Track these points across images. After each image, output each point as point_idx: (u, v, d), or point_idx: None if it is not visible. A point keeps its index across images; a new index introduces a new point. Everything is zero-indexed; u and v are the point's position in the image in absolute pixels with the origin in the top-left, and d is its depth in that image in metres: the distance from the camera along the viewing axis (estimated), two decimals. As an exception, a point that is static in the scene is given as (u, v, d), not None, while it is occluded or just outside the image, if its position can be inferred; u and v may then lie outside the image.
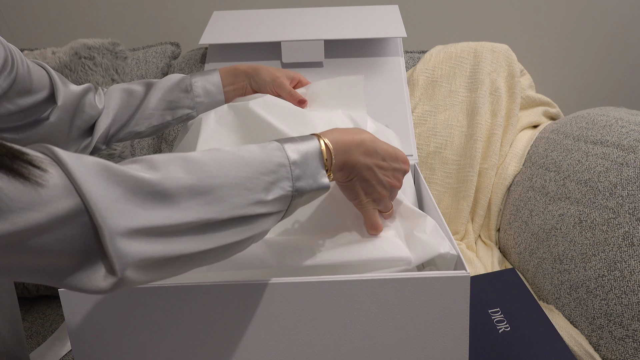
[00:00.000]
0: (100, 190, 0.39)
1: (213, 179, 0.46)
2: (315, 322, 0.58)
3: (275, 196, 0.49)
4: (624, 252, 0.74)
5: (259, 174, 0.48)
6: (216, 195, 0.45)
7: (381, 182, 0.61)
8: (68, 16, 1.38)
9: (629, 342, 0.70)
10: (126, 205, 0.40)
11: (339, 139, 0.56)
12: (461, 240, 1.07)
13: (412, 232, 0.64)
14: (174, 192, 0.43)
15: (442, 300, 0.57)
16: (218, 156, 0.48)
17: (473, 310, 0.75)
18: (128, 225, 0.40)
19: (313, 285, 0.57)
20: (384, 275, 0.57)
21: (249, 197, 0.47)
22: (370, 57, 1.06)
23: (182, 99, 0.80)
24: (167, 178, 0.43)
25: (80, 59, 1.07)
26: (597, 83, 1.46)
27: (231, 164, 0.47)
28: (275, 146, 0.51)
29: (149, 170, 0.43)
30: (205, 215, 0.44)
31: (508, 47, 1.17)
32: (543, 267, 0.89)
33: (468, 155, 1.08)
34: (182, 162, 0.45)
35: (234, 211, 0.46)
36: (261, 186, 0.48)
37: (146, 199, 0.42)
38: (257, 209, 0.48)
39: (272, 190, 0.49)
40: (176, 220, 0.43)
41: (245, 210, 0.47)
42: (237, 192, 0.47)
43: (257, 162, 0.49)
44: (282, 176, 0.50)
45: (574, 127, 0.98)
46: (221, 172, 0.46)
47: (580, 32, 1.40)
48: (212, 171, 0.46)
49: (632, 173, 0.79)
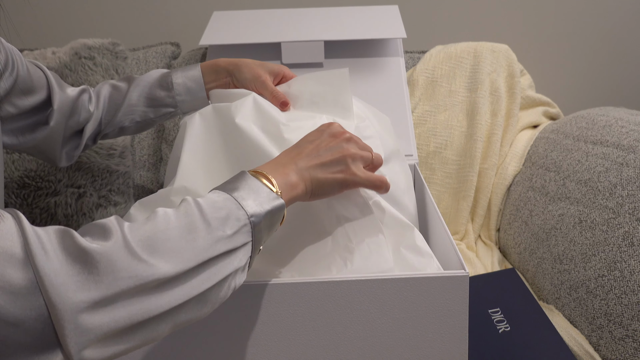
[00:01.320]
0: (57, 265, 0.38)
1: (164, 233, 0.44)
2: (314, 322, 0.58)
3: (234, 229, 0.48)
4: (624, 252, 0.74)
5: (209, 215, 0.47)
6: (175, 250, 0.44)
7: (330, 151, 0.59)
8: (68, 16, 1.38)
9: (629, 342, 0.70)
10: (84, 278, 0.39)
11: (270, 165, 0.57)
12: (461, 240, 1.07)
13: (399, 248, 0.62)
14: (131, 257, 0.41)
15: (442, 300, 0.57)
16: (160, 215, 0.46)
17: (473, 310, 0.75)
18: (87, 299, 0.38)
19: (312, 285, 0.57)
20: (384, 276, 0.57)
21: (208, 237, 0.46)
22: (370, 58, 1.06)
23: (162, 97, 0.79)
24: (122, 245, 0.41)
25: (80, 59, 1.07)
26: (597, 83, 1.46)
27: (176, 217, 0.46)
28: (213, 192, 0.51)
29: (102, 239, 0.42)
30: (169, 271, 0.43)
31: (508, 47, 1.17)
32: (543, 267, 0.89)
33: (468, 155, 1.08)
34: (131, 226, 0.44)
35: (199, 256, 0.45)
36: (216, 224, 0.47)
37: (105, 268, 0.40)
38: (220, 246, 0.46)
39: (229, 224, 0.47)
40: (138, 282, 0.41)
41: (210, 252, 0.45)
42: (194, 236, 0.45)
43: (203, 206, 0.48)
44: (233, 208, 0.48)
45: (574, 127, 0.98)
46: (170, 226, 0.45)
47: (580, 32, 1.40)
48: (159, 230, 0.45)
49: (632, 173, 0.79)
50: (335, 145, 0.59)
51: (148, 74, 0.80)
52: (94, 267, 0.39)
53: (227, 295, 0.48)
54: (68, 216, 1.00)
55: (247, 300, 0.57)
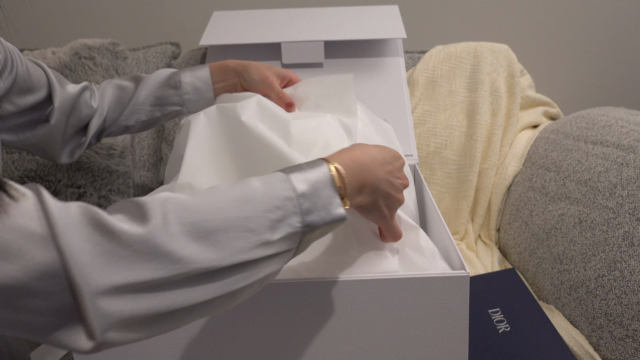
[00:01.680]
0: (82, 244, 0.36)
1: (209, 222, 0.41)
2: (315, 321, 0.58)
3: (282, 235, 0.44)
4: (624, 252, 0.74)
5: (262, 212, 0.44)
6: (214, 241, 0.41)
7: (398, 189, 0.57)
8: (68, 16, 1.38)
9: (629, 342, 0.70)
10: (109, 260, 0.37)
11: (349, 160, 0.52)
12: (461, 240, 1.07)
13: (404, 248, 0.62)
14: (166, 246, 0.39)
15: (442, 300, 0.57)
16: (215, 196, 0.43)
17: (473, 310, 0.75)
18: (110, 283, 0.37)
19: (313, 285, 0.57)
20: (384, 275, 0.57)
21: (252, 239, 0.43)
22: (370, 58, 1.06)
23: (170, 95, 0.79)
24: (159, 231, 0.39)
25: (80, 59, 1.07)
26: (597, 83, 1.46)
27: (229, 204, 0.43)
28: (280, 177, 0.46)
29: (138, 221, 0.39)
30: (202, 265, 0.40)
31: (508, 47, 1.17)
32: (543, 267, 0.89)
33: (468, 155, 1.08)
34: (174, 208, 0.41)
35: (236, 257, 0.42)
36: (266, 225, 0.43)
37: (134, 254, 0.38)
38: (262, 251, 0.43)
39: (279, 228, 0.44)
40: (168, 273, 0.39)
41: (248, 255, 0.42)
42: (238, 235, 0.42)
43: (260, 198, 0.44)
44: (290, 211, 0.45)
45: (574, 127, 0.98)
46: (219, 215, 0.42)
47: (580, 32, 1.40)
48: (208, 214, 0.42)
49: (632, 173, 0.79)
50: (401, 186, 0.58)
51: (156, 73, 0.80)
52: (122, 250, 0.38)
53: (257, 291, 0.47)
54: (68, 216, 1.00)
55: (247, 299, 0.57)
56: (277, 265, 0.46)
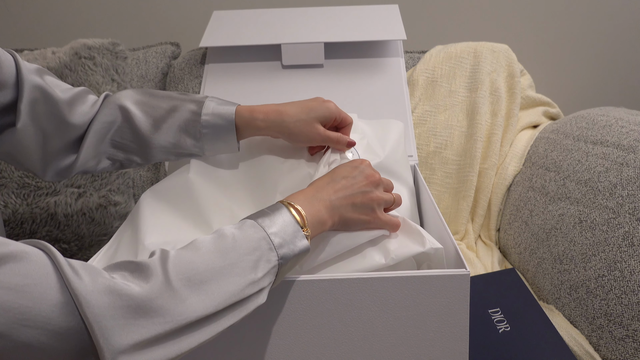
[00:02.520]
0: (103, 310, 0.41)
1: (202, 275, 0.47)
2: (315, 320, 0.58)
3: (264, 271, 0.50)
4: (624, 252, 0.74)
5: (243, 256, 0.50)
6: (209, 291, 0.47)
7: (363, 193, 0.61)
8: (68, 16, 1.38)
9: (629, 342, 0.70)
10: (127, 321, 0.42)
11: (302, 197, 0.58)
12: (461, 240, 1.07)
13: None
14: (171, 300, 0.44)
15: (442, 298, 0.57)
16: (200, 249, 0.49)
17: (473, 310, 0.75)
18: (130, 342, 0.42)
19: (313, 283, 0.57)
20: (385, 274, 0.57)
21: (241, 281, 0.49)
22: (370, 58, 1.06)
23: (189, 147, 0.69)
24: (164, 287, 0.44)
25: (80, 59, 1.07)
26: (597, 83, 1.46)
27: (214, 255, 0.49)
28: (250, 224, 0.52)
29: (142, 280, 0.44)
30: (203, 312, 0.46)
31: (508, 47, 1.17)
32: (543, 267, 0.89)
33: (468, 155, 1.08)
34: (172, 265, 0.46)
35: (229, 300, 0.48)
36: (249, 267, 0.50)
37: (146, 312, 0.43)
38: (249, 290, 0.49)
39: (260, 266, 0.50)
40: (175, 325, 0.44)
41: (239, 296, 0.49)
42: (227, 281, 0.48)
43: (238, 244, 0.50)
44: (265, 249, 0.51)
45: (574, 127, 0.98)
46: (208, 267, 0.48)
47: (580, 32, 1.40)
48: (200, 267, 0.47)
49: (632, 173, 0.79)
50: (368, 190, 0.61)
51: (176, 116, 0.68)
52: (136, 309, 0.42)
53: None
54: (68, 216, 1.00)
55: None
56: (261, 299, 0.51)
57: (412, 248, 0.61)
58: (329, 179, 0.61)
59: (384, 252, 0.61)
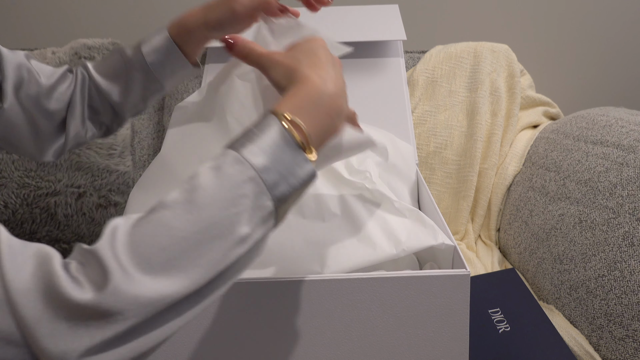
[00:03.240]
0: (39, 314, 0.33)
1: (168, 250, 0.36)
2: (315, 320, 0.58)
3: (255, 223, 0.39)
4: (624, 252, 0.74)
5: (223, 210, 0.37)
6: (181, 267, 0.36)
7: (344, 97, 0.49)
8: (68, 16, 1.38)
9: (629, 342, 0.70)
10: (75, 326, 0.34)
11: (301, 100, 0.43)
12: (461, 240, 1.07)
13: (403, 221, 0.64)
14: (131, 293, 0.34)
15: (443, 299, 0.57)
16: (164, 215, 0.37)
17: (473, 310, 0.75)
18: (80, 348, 0.33)
19: (314, 283, 0.57)
20: (385, 274, 0.57)
21: (223, 245, 0.37)
22: (370, 58, 1.06)
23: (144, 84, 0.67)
24: (119, 280, 0.34)
25: (80, 59, 1.07)
26: (597, 83, 1.46)
27: (182, 221, 0.37)
28: (232, 159, 0.39)
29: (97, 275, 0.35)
30: (177, 295, 0.36)
31: (508, 47, 1.17)
32: (543, 267, 0.89)
33: (468, 155, 1.08)
34: (124, 248, 0.36)
35: (212, 270, 0.37)
36: (233, 222, 0.38)
37: (99, 315, 0.34)
38: (237, 251, 0.38)
39: (249, 217, 0.38)
40: (142, 317, 0.35)
41: (224, 262, 0.38)
42: (204, 249, 0.37)
43: (215, 197, 0.38)
44: (255, 193, 0.38)
45: (574, 127, 0.98)
46: (175, 237, 0.36)
47: (580, 32, 1.40)
48: (162, 240, 0.36)
49: (632, 173, 0.79)
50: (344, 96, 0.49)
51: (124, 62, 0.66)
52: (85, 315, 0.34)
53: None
54: (68, 216, 1.00)
55: (247, 298, 0.57)
56: (256, 253, 0.41)
57: (423, 241, 0.61)
58: (324, 66, 0.47)
59: (395, 242, 0.61)
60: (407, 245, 0.60)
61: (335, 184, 0.68)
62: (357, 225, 0.63)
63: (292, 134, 0.41)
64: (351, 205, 0.66)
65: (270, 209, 0.40)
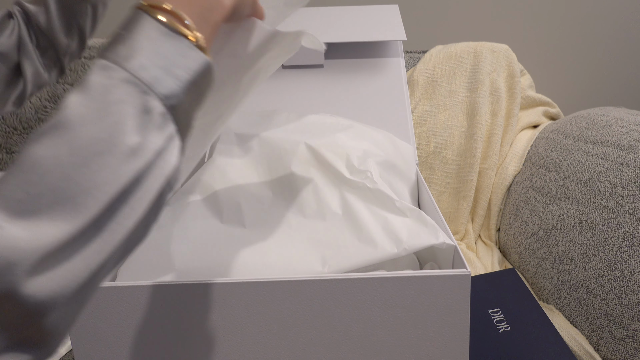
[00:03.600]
0: None
1: (46, 182, 0.29)
2: (316, 320, 0.58)
3: (146, 130, 0.32)
4: (624, 252, 0.74)
5: (101, 123, 0.31)
6: (65, 198, 0.29)
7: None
8: None
9: (629, 342, 0.70)
10: None
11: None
12: (461, 240, 1.07)
13: (404, 220, 0.64)
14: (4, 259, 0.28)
15: (443, 299, 0.57)
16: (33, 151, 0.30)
17: (473, 310, 0.75)
18: None
19: (314, 283, 0.57)
20: (385, 274, 0.57)
21: (110, 161, 0.31)
22: (370, 58, 1.06)
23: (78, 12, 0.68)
24: None
25: (81, 59, 1.07)
26: (597, 83, 1.46)
27: (56, 147, 0.30)
28: (100, 65, 0.33)
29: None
30: (63, 235, 0.29)
31: (508, 47, 1.17)
32: (543, 267, 0.89)
33: (468, 155, 1.08)
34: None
35: (107, 193, 0.31)
36: (116, 133, 0.31)
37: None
38: (133, 165, 0.32)
39: (138, 126, 0.32)
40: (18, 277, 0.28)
41: (118, 183, 0.31)
42: (89, 170, 0.30)
43: (88, 112, 0.31)
44: (135, 96, 0.32)
45: (574, 127, 0.98)
46: (47, 171, 0.30)
47: (580, 32, 1.40)
48: (34, 177, 0.29)
49: (632, 173, 0.79)
50: None
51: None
52: None
53: (165, 202, 0.35)
54: (68, 216, 1.00)
55: (247, 297, 0.57)
56: (166, 166, 0.34)
57: (425, 240, 0.61)
58: None
59: (396, 241, 0.61)
60: (408, 245, 0.60)
61: (336, 184, 0.68)
62: (358, 225, 0.63)
63: (164, 22, 0.35)
64: (352, 204, 0.66)
65: (161, 110, 0.33)
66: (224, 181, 0.71)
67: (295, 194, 0.69)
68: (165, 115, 0.33)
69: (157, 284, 0.56)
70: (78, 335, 0.57)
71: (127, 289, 0.56)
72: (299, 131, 0.77)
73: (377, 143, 0.78)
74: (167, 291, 0.56)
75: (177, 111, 0.34)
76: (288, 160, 0.72)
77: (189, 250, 0.63)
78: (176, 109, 0.34)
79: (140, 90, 0.32)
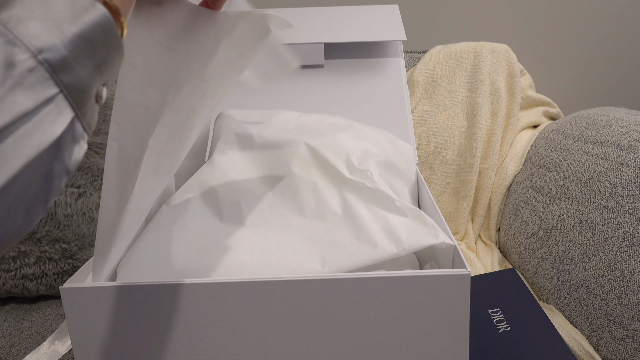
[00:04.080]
0: None
1: None
2: (315, 319, 0.58)
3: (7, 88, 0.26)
4: (624, 252, 0.74)
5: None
6: None
7: None
8: None
9: (629, 342, 0.70)
10: None
11: None
12: (461, 240, 1.07)
13: (404, 220, 0.64)
14: None
15: (443, 298, 0.57)
16: None
17: (473, 310, 0.75)
18: None
19: (314, 283, 0.57)
20: (385, 274, 0.57)
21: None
22: (370, 59, 1.06)
23: None
24: None
25: None
26: (597, 83, 1.46)
27: None
28: None
29: None
30: None
31: (508, 47, 1.17)
32: (543, 267, 0.89)
33: (468, 155, 1.08)
34: None
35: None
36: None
37: None
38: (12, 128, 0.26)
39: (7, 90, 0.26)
40: None
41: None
42: None
43: None
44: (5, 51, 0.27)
45: (574, 127, 0.98)
46: None
47: (580, 32, 1.40)
48: None
49: (632, 173, 0.79)
50: None
51: None
52: None
53: (58, 183, 0.30)
54: (68, 216, 1.00)
55: (247, 297, 0.57)
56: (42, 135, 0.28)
57: (425, 240, 0.61)
58: None
59: (396, 241, 0.61)
60: (408, 244, 0.60)
61: (336, 183, 0.68)
62: (357, 224, 0.63)
63: None
64: (352, 204, 0.66)
65: (30, 65, 0.27)
66: (224, 181, 0.71)
67: (295, 193, 0.69)
68: (37, 72, 0.27)
69: (157, 284, 0.56)
70: (78, 335, 0.57)
71: (127, 289, 0.56)
72: (299, 131, 0.77)
73: (377, 143, 0.78)
74: (167, 291, 0.56)
75: (61, 72, 0.28)
76: (288, 160, 0.72)
77: (189, 249, 0.63)
78: (58, 68, 0.28)
79: (6, 40, 0.26)
